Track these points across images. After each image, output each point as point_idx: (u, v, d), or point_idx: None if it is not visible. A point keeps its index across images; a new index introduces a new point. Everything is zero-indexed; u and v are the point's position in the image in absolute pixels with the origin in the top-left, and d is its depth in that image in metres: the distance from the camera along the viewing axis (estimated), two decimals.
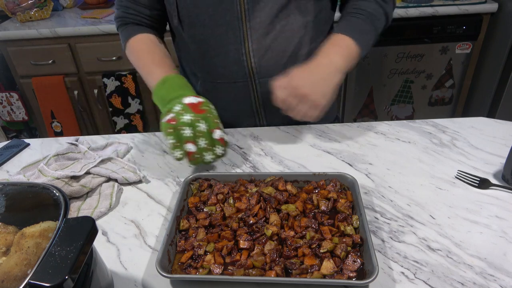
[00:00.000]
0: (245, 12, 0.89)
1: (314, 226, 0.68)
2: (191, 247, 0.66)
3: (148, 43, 1.01)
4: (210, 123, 0.81)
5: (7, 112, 2.34)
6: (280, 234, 0.67)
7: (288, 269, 0.62)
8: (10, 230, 0.54)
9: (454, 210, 0.75)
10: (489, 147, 0.92)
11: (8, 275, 0.46)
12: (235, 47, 0.94)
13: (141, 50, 1.00)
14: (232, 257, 0.64)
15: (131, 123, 2.31)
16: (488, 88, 2.17)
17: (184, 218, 0.72)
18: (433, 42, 2.10)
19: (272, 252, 0.63)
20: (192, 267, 0.63)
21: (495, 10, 2.01)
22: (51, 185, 0.55)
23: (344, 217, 0.69)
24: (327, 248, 0.63)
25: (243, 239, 0.66)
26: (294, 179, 0.79)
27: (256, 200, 0.73)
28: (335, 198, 0.74)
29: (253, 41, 0.93)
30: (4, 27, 2.10)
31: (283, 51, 0.95)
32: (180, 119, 0.79)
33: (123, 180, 0.85)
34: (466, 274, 0.62)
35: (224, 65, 0.97)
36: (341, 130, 1.03)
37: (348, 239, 0.65)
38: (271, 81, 0.87)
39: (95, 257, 0.53)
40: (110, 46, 2.07)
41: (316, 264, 0.61)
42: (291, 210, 0.71)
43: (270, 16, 0.90)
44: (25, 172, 0.90)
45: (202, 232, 0.69)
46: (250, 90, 1.00)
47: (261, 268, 0.62)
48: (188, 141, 0.79)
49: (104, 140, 1.04)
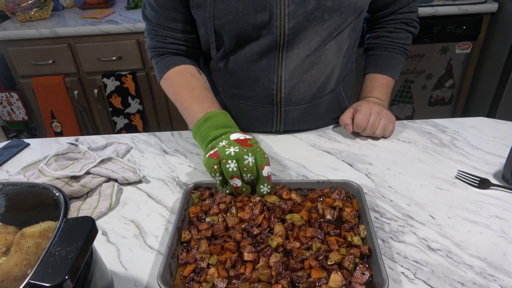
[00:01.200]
0: (284, 42, 0.85)
1: (320, 237, 0.66)
2: (194, 259, 0.64)
3: (186, 75, 0.94)
4: (259, 158, 0.74)
5: (7, 112, 2.34)
6: (286, 246, 0.65)
7: (294, 282, 0.60)
8: (10, 230, 0.54)
9: (454, 210, 0.75)
10: (489, 147, 0.92)
11: (8, 275, 0.46)
12: (267, 75, 0.91)
13: (180, 83, 0.93)
14: (237, 270, 0.62)
15: (131, 123, 2.31)
16: (488, 88, 2.17)
17: (185, 229, 0.69)
18: (433, 42, 2.10)
19: (278, 265, 0.61)
20: (195, 281, 0.61)
21: (495, 10, 2.01)
22: (51, 185, 0.55)
23: (350, 226, 0.67)
24: (334, 260, 0.61)
25: (247, 251, 0.64)
26: (298, 187, 0.77)
27: (259, 210, 0.71)
28: (340, 207, 0.72)
29: (286, 71, 0.90)
30: (4, 27, 2.10)
31: (314, 82, 0.94)
32: (225, 152, 0.73)
33: (123, 180, 0.85)
34: (466, 274, 0.62)
35: (252, 89, 0.95)
36: (341, 130, 1.03)
37: (356, 250, 0.63)
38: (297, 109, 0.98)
39: (95, 257, 0.53)
40: (110, 46, 2.06)
41: (323, 277, 0.59)
42: (296, 220, 0.69)
43: (308, 49, 0.87)
44: (25, 172, 0.90)
45: (205, 243, 0.66)
46: (273, 115, 0.99)
47: (267, 282, 0.60)
48: (233, 176, 0.73)
49: (104, 140, 1.04)
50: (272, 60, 0.89)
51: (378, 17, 1.04)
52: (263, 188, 0.75)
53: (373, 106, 0.96)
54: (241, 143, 0.75)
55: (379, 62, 1.04)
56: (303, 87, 0.94)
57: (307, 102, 0.98)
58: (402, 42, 1.03)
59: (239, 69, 0.92)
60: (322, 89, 0.97)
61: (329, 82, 0.97)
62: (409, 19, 1.02)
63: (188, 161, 0.94)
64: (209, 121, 0.84)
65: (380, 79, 1.03)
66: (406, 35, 1.04)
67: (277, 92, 0.94)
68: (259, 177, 0.75)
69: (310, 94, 0.96)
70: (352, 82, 1.10)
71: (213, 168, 0.73)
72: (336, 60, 0.93)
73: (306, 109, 0.99)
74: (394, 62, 1.04)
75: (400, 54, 1.04)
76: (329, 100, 1.01)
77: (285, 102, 0.96)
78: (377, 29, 1.05)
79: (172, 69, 0.94)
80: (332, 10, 0.82)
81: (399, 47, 1.03)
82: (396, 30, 1.03)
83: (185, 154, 0.97)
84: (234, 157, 0.72)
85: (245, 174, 0.73)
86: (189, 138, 1.03)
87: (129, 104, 2.24)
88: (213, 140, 0.81)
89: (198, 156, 0.95)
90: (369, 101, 1.01)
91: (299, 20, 0.82)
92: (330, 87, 0.99)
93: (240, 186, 0.74)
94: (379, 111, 0.95)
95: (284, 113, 0.98)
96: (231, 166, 0.72)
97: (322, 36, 0.86)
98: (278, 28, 0.83)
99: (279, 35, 0.84)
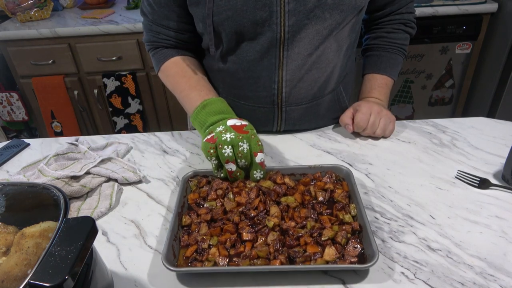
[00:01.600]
0: (284, 41, 0.86)
1: (313, 216, 0.70)
2: (195, 241, 0.67)
3: (182, 65, 0.97)
4: (253, 144, 0.78)
5: (7, 112, 2.34)
6: (282, 225, 0.69)
7: (291, 257, 0.64)
8: (10, 230, 0.54)
9: (454, 210, 0.75)
10: (489, 147, 0.92)
11: (8, 275, 0.45)
12: (268, 74, 0.91)
13: (176, 74, 0.96)
14: (236, 249, 0.65)
15: (131, 123, 2.31)
16: (488, 88, 2.17)
17: (185, 214, 0.73)
18: (433, 42, 2.10)
19: (275, 242, 0.65)
20: (198, 261, 0.65)
21: (495, 10, 2.01)
22: (51, 185, 0.55)
23: (342, 206, 0.72)
24: (328, 235, 0.65)
25: (245, 231, 0.67)
26: (291, 173, 0.82)
27: (255, 194, 0.75)
28: (331, 189, 0.76)
29: (287, 70, 0.90)
30: (4, 27, 2.10)
31: (315, 81, 0.94)
32: (222, 137, 0.76)
33: (123, 180, 0.85)
34: (466, 274, 0.62)
35: (253, 89, 0.95)
36: (341, 130, 1.03)
37: (348, 227, 0.67)
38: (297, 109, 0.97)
39: (95, 257, 0.53)
40: (110, 46, 2.06)
41: (318, 252, 0.64)
42: (290, 202, 0.73)
43: (309, 48, 0.87)
44: (25, 172, 0.90)
45: (205, 226, 0.70)
46: (274, 115, 0.99)
47: (266, 258, 0.63)
48: (229, 161, 0.76)
49: (104, 140, 1.04)
50: (273, 59, 0.89)
51: (376, 18, 1.04)
52: (256, 173, 0.78)
53: (373, 106, 0.96)
54: (237, 129, 0.78)
55: (378, 63, 1.04)
56: (304, 87, 0.94)
57: (308, 102, 0.98)
58: (400, 42, 1.04)
59: (240, 68, 0.92)
60: (323, 89, 0.97)
61: (330, 81, 0.97)
62: (407, 20, 1.03)
63: (188, 161, 0.94)
64: (207, 107, 0.87)
65: (379, 79, 1.03)
66: (404, 36, 1.04)
67: (278, 92, 0.94)
68: (253, 163, 0.78)
69: (311, 94, 0.96)
70: (351, 82, 1.10)
71: (209, 152, 0.77)
72: (337, 59, 0.93)
73: (307, 109, 0.99)
74: (392, 62, 1.04)
75: (398, 55, 1.04)
76: (329, 100, 1.01)
77: (286, 102, 0.96)
78: (375, 30, 1.06)
79: (168, 60, 0.97)
80: (333, 7, 0.82)
81: (397, 48, 1.04)
82: (394, 31, 1.03)
83: (185, 154, 0.97)
84: (230, 143, 0.76)
85: (240, 160, 0.77)
86: (189, 138, 1.03)
87: (129, 104, 2.24)
88: (211, 125, 0.84)
89: (198, 156, 0.95)
90: (368, 101, 1.01)
91: (299, 18, 0.82)
92: (330, 87, 0.99)
93: (234, 170, 0.78)
94: (379, 111, 0.95)
95: (285, 113, 0.98)
96: (226, 151, 0.76)
97: (322, 35, 0.86)
98: (278, 26, 0.83)
99: (279, 33, 0.84)
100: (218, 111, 0.86)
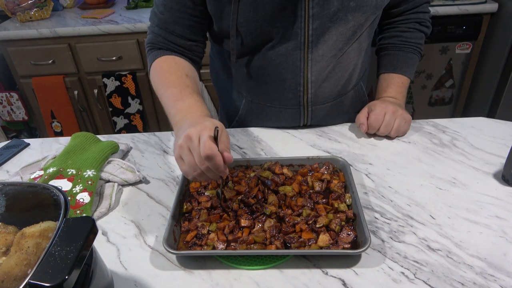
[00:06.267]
0: (308, 44, 0.87)
1: (309, 205, 0.73)
2: (195, 227, 0.70)
3: (170, 63, 0.91)
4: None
5: (7, 112, 2.34)
6: (279, 213, 0.72)
7: (287, 243, 0.67)
8: (10, 230, 0.54)
9: (454, 210, 0.75)
10: (489, 147, 0.92)
11: (8, 275, 0.45)
12: (293, 77, 0.92)
13: (160, 70, 0.91)
14: (234, 234, 0.68)
15: (131, 123, 2.31)
16: (488, 88, 2.17)
17: (186, 202, 0.76)
18: (433, 42, 2.10)
19: (272, 229, 0.68)
20: (197, 245, 0.68)
21: (495, 10, 2.01)
22: (51, 185, 0.55)
23: (337, 196, 0.75)
24: (322, 223, 0.69)
25: (244, 218, 0.70)
26: (289, 163, 0.85)
27: (254, 183, 0.77)
28: (328, 180, 0.79)
29: (312, 72, 0.91)
30: (4, 27, 2.10)
31: (338, 80, 0.96)
32: None
33: (123, 182, 0.85)
34: (466, 274, 0.62)
35: (278, 92, 0.96)
36: (341, 130, 1.03)
37: (342, 215, 0.71)
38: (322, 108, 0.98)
39: (95, 257, 0.53)
40: (110, 46, 2.06)
41: (313, 238, 0.67)
42: (288, 191, 0.76)
43: (333, 50, 0.88)
44: (23, 172, 0.89)
45: (205, 213, 0.73)
46: (300, 115, 1.00)
47: (262, 243, 0.66)
48: None
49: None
50: (298, 62, 0.90)
51: (391, 16, 1.03)
52: None
53: (387, 105, 0.95)
54: None
55: (394, 62, 1.03)
56: (328, 86, 0.96)
57: (332, 100, 1.00)
58: (415, 41, 1.03)
59: (265, 73, 0.93)
60: (346, 86, 0.99)
61: (352, 78, 0.99)
62: (422, 19, 1.02)
63: None
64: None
65: (395, 78, 1.03)
66: (419, 35, 1.03)
67: (304, 93, 0.95)
68: None
69: (335, 92, 0.98)
70: (366, 77, 1.11)
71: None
72: (358, 57, 0.95)
73: (331, 107, 1.01)
74: (408, 61, 1.03)
75: (414, 54, 1.03)
76: (352, 96, 1.03)
77: (311, 102, 0.97)
78: (389, 30, 1.05)
79: (159, 58, 0.93)
80: (355, 9, 0.82)
81: (413, 47, 1.03)
82: (409, 30, 1.02)
83: None
84: None
85: None
86: None
87: (129, 104, 2.24)
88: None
89: None
90: (384, 100, 1.00)
91: (323, 21, 0.83)
92: (352, 83, 1.01)
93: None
94: (394, 111, 0.94)
95: (311, 112, 1.00)
96: None
97: (345, 36, 0.87)
98: (302, 29, 0.84)
99: (304, 36, 0.85)
100: None
